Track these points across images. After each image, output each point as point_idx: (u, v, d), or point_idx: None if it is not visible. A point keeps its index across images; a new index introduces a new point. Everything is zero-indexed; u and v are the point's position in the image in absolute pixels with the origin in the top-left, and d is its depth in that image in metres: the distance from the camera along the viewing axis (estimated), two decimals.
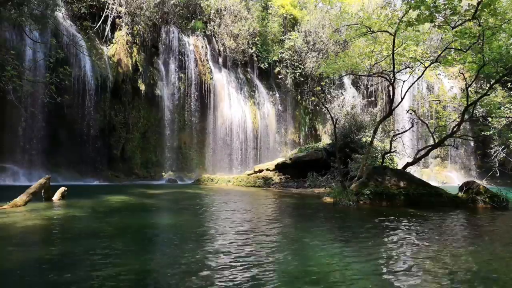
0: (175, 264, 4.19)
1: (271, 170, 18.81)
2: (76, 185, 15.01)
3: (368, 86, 29.37)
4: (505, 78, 14.86)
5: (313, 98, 27.24)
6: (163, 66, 22.65)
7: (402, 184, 10.70)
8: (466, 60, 12.38)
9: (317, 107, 27.12)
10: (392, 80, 12.90)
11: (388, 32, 12.40)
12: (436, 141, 13.40)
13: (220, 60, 25.37)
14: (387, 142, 16.68)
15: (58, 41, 16.48)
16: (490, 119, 17.68)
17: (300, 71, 26.93)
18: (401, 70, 14.19)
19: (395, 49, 12.10)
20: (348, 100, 25.08)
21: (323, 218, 8.25)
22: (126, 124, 20.57)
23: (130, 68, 20.73)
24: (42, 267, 4.02)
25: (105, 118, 19.47)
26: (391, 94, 13.65)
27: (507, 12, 10.77)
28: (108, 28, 20.42)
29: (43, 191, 9.19)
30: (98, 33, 20.28)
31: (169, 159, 22.08)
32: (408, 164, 12.68)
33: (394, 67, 12.45)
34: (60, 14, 18.35)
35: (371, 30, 12.52)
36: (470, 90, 14.38)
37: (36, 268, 4.00)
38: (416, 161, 13.17)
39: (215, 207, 9.80)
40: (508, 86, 19.33)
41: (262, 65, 26.58)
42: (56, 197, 9.59)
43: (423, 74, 13.90)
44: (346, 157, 15.26)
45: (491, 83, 12.52)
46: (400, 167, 13.25)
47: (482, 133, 18.85)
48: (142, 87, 21.30)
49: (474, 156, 27.48)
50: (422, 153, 13.61)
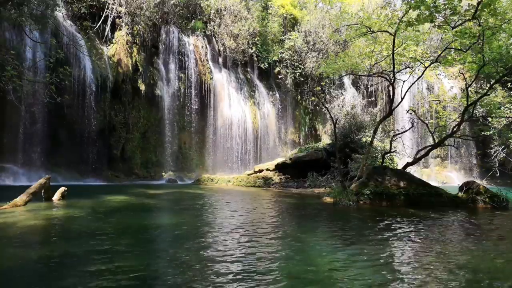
0: (176, 265, 4.19)
1: (271, 170, 18.82)
2: (76, 185, 15.02)
3: (368, 86, 29.38)
4: (505, 78, 14.85)
5: (313, 98, 27.24)
6: (163, 66, 22.65)
7: (402, 184, 10.70)
8: (466, 60, 12.39)
9: (317, 107, 27.13)
10: (392, 80, 12.90)
11: (388, 32, 12.40)
12: (436, 141, 13.40)
13: (220, 60, 25.37)
14: (387, 142, 16.68)
15: (58, 41, 16.50)
16: (490, 119, 17.67)
17: (300, 71, 26.93)
18: (401, 70, 14.19)
19: (395, 49, 12.10)
20: (348, 100, 25.08)
21: (323, 218, 8.25)
22: (126, 124, 20.57)
23: (130, 68, 20.74)
24: (42, 267, 4.02)
25: (105, 118, 19.47)
26: (391, 94, 13.65)
27: (507, 12, 10.76)
28: (108, 28, 20.43)
29: (43, 191, 9.19)
30: (98, 33, 20.28)
31: (169, 159, 22.08)
32: (408, 164, 12.68)
33: (394, 67, 12.45)
34: (60, 14, 18.36)
35: (371, 30, 12.52)
36: (470, 90, 14.37)
37: (36, 268, 4.00)
38: (416, 161, 13.17)
39: (215, 207, 9.80)
40: (508, 86, 19.32)
41: (262, 65, 26.58)
42: (56, 197, 9.60)
43: (423, 74, 13.89)
44: (346, 157, 15.27)
45: (491, 83, 12.51)
46: (400, 167, 13.25)
47: (482, 133, 18.83)
48: (142, 87, 21.30)
49: (474, 156, 27.47)
50: (422, 153, 13.61)
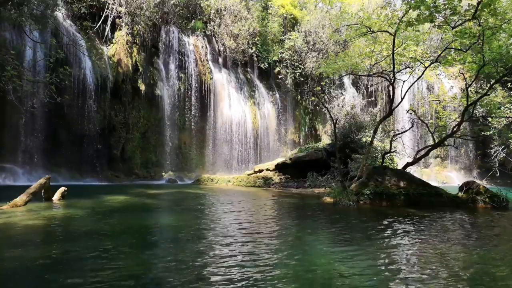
0: (176, 265, 4.18)
1: (271, 170, 18.81)
2: (76, 185, 15.02)
3: (368, 86, 29.38)
4: (505, 78, 14.87)
5: (313, 98, 27.24)
6: (163, 66, 22.64)
7: (402, 184, 10.70)
8: (466, 60, 12.39)
9: (317, 107, 27.12)
10: (392, 80, 12.90)
11: (388, 32, 12.40)
12: (436, 141, 13.40)
13: (220, 60, 25.36)
14: (387, 142, 16.68)
15: (58, 41, 16.50)
16: (490, 119, 17.68)
17: (300, 71, 26.93)
18: (401, 70, 14.19)
19: (395, 49, 12.10)
20: (348, 100, 25.07)
21: (323, 218, 8.25)
22: (126, 124, 20.57)
23: (130, 68, 20.74)
24: (42, 267, 4.02)
25: (105, 118, 19.46)
26: (391, 94, 13.65)
27: (507, 12, 10.76)
28: (108, 28, 20.43)
29: (43, 191, 9.19)
30: (98, 33, 20.29)
31: (169, 159, 22.08)
32: (408, 164, 12.68)
33: (394, 67, 12.45)
34: (60, 14, 18.35)
35: (371, 30, 12.52)
36: (470, 90, 14.38)
37: (36, 268, 4.00)
38: (416, 161, 13.17)
39: (215, 207, 9.80)
40: (508, 86, 19.33)
41: (262, 65, 26.58)
42: (56, 197, 9.60)
43: (423, 74, 13.89)
44: (346, 157, 15.26)
45: (491, 83, 12.51)
46: (400, 167, 13.25)
47: (482, 133, 18.85)
48: (142, 87, 21.30)
49: (474, 156, 27.48)
50: (422, 153, 13.61)
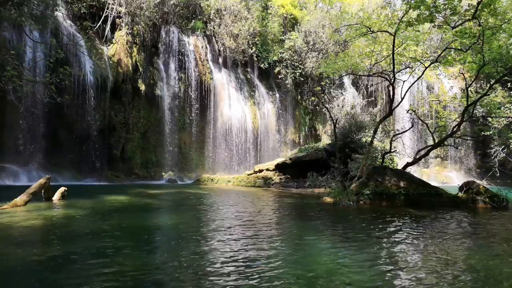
0: (176, 265, 4.19)
1: (271, 170, 18.81)
2: (76, 185, 15.02)
3: (368, 86, 29.38)
4: (505, 78, 14.87)
5: (313, 98, 27.23)
6: (163, 66, 22.65)
7: (402, 184, 10.70)
8: (466, 60, 12.38)
9: (317, 107, 27.12)
10: (392, 80, 12.89)
11: (388, 32, 12.40)
12: (436, 141, 13.40)
13: (220, 60, 25.36)
14: (387, 142, 16.67)
15: (58, 41, 16.49)
16: (490, 119, 17.68)
17: (300, 71, 26.92)
18: (401, 70, 14.19)
19: (395, 49, 12.09)
20: (348, 100, 25.04)
21: (323, 218, 8.25)
22: (126, 124, 20.57)
23: (130, 68, 20.74)
24: (42, 267, 4.02)
25: (105, 118, 19.47)
26: (391, 94, 13.64)
27: (507, 12, 10.76)
28: (108, 28, 20.43)
29: (43, 191, 9.20)
30: (98, 33, 20.29)
31: (169, 159, 22.09)
32: (408, 164, 12.68)
33: (394, 67, 12.45)
34: (60, 14, 18.35)
35: (371, 30, 12.52)
36: (470, 90, 14.37)
37: (36, 268, 4.00)
38: (416, 161, 13.16)
39: (215, 207, 9.80)
40: (508, 86, 19.34)
41: (262, 65, 26.58)
42: (56, 197, 9.60)
43: (423, 74, 13.88)
44: (346, 157, 15.26)
45: (491, 83, 12.51)
46: (400, 167, 13.25)
47: (482, 133, 18.85)
48: (142, 87, 21.31)
49: (474, 156, 27.48)
50: (422, 153, 13.60)
